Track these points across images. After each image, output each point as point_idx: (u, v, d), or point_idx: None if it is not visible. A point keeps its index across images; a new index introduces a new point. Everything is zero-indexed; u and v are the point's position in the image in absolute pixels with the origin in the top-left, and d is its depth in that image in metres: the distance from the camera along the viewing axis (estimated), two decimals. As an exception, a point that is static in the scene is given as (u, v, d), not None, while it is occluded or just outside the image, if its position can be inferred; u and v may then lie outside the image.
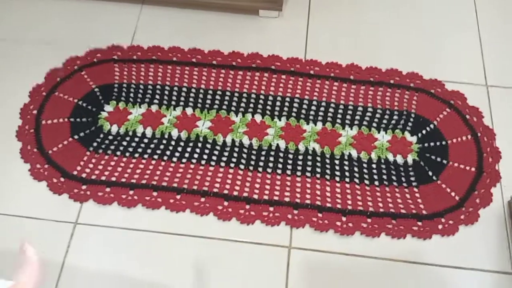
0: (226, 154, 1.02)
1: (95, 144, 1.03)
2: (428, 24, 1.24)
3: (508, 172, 1.00)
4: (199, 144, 1.04)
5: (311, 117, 1.07)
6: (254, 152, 1.03)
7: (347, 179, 0.99)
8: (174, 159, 1.02)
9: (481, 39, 1.21)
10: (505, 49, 1.20)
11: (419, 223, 0.94)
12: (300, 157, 1.02)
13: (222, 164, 1.01)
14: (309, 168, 1.00)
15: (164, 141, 1.04)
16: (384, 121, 1.07)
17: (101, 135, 1.05)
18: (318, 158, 1.02)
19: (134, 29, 1.22)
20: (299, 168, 1.00)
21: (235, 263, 0.91)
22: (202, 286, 0.89)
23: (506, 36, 1.22)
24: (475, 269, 0.90)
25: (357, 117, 1.08)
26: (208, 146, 1.03)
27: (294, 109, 1.08)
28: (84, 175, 0.99)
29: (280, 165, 1.01)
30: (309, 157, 1.02)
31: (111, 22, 1.23)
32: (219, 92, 1.11)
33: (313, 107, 1.09)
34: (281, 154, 1.02)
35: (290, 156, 1.02)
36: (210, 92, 1.11)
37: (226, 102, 1.10)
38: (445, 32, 1.23)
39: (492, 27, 1.23)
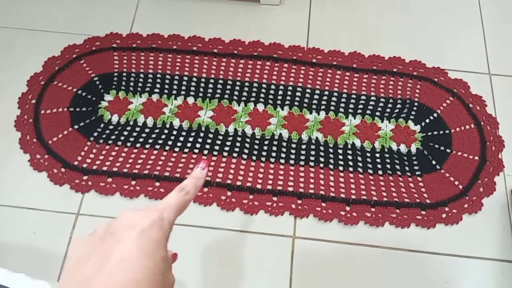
0: (228, 144, 1.01)
1: (95, 134, 1.02)
2: (431, 12, 1.23)
3: (511, 161, 1.00)
4: (201, 134, 1.02)
5: (314, 106, 1.06)
6: (257, 141, 1.02)
7: (350, 169, 0.99)
8: (176, 149, 1.01)
9: (484, 27, 1.20)
10: (508, 37, 1.19)
11: (423, 212, 0.94)
12: (304, 146, 1.01)
13: (225, 154, 1.00)
14: (312, 158, 1.00)
15: (166, 131, 1.03)
16: (388, 110, 1.06)
17: (102, 125, 1.03)
18: (322, 148, 1.01)
19: (133, 16, 1.19)
20: (303, 157, 1.00)
21: (239, 253, 0.90)
22: (206, 276, 0.89)
23: (509, 24, 1.21)
24: (478, 257, 0.91)
25: (360, 106, 1.07)
26: (211, 135, 1.02)
27: (297, 98, 1.07)
28: (85, 166, 0.98)
29: (283, 155, 1.00)
30: (313, 147, 1.01)
31: (109, 9, 1.20)
32: (220, 81, 1.09)
33: (316, 96, 1.08)
34: (284, 144, 1.01)
35: (293, 145, 1.01)
36: (212, 81, 1.09)
37: (228, 91, 1.08)
38: (448, 20, 1.22)
39: (495, 15, 1.22)
